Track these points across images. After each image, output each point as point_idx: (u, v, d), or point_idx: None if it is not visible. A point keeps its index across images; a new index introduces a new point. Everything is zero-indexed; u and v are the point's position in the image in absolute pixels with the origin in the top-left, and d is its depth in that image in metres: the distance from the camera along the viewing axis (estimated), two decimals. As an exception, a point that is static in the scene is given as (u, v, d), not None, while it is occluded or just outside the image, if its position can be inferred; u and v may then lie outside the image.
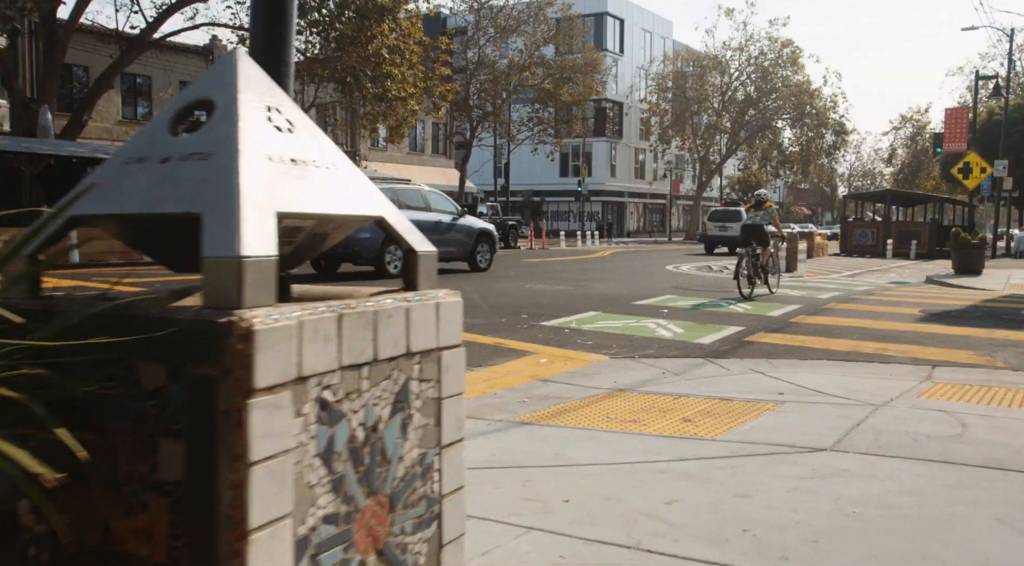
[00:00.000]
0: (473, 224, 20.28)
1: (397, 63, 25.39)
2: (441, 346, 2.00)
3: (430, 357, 1.96)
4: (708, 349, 8.74)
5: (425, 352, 1.94)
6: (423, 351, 1.93)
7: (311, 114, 35.93)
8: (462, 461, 2.11)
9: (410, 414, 1.89)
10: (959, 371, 7.76)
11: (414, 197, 19.04)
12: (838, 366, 7.97)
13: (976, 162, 24.24)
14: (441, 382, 2.00)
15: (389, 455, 1.82)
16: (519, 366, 7.72)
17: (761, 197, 14.38)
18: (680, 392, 6.53)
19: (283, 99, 1.94)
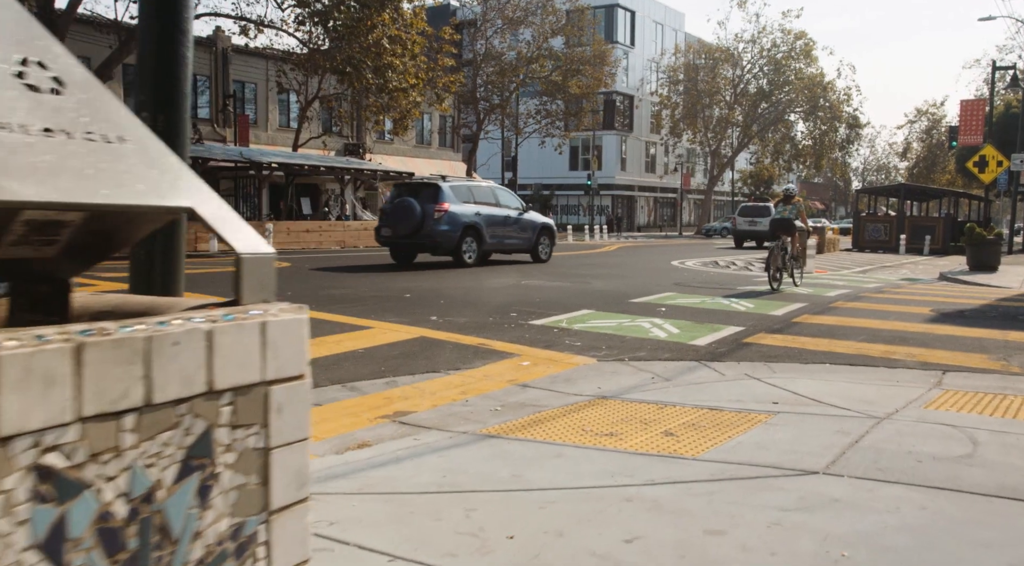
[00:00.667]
0: (536, 219, 21.07)
1: (398, 54, 24.87)
2: (270, 379, 1.51)
3: (251, 395, 1.47)
4: (703, 351, 8.23)
5: (241, 389, 1.45)
6: (238, 388, 1.45)
7: (315, 107, 35.52)
8: (304, 529, 1.62)
9: (214, 473, 1.41)
10: (971, 377, 7.23)
11: (486, 193, 20.04)
12: (840, 371, 7.44)
13: (992, 155, 23.53)
14: (269, 427, 1.51)
15: (176, 532, 1.34)
16: (498, 369, 7.23)
17: (790, 192, 14.70)
18: (667, 400, 6.03)
19: (55, 52, 1.46)
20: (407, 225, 18.36)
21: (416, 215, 18.23)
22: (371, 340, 8.45)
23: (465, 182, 20.60)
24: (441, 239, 18.38)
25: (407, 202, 18.52)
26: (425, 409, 5.88)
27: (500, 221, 19.78)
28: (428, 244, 18.67)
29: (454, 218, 18.49)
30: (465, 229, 18.69)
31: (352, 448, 4.81)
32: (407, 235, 18.55)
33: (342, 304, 11.25)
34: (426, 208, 18.31)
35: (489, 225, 19.43)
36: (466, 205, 19.02)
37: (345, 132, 41.20)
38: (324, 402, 6.02)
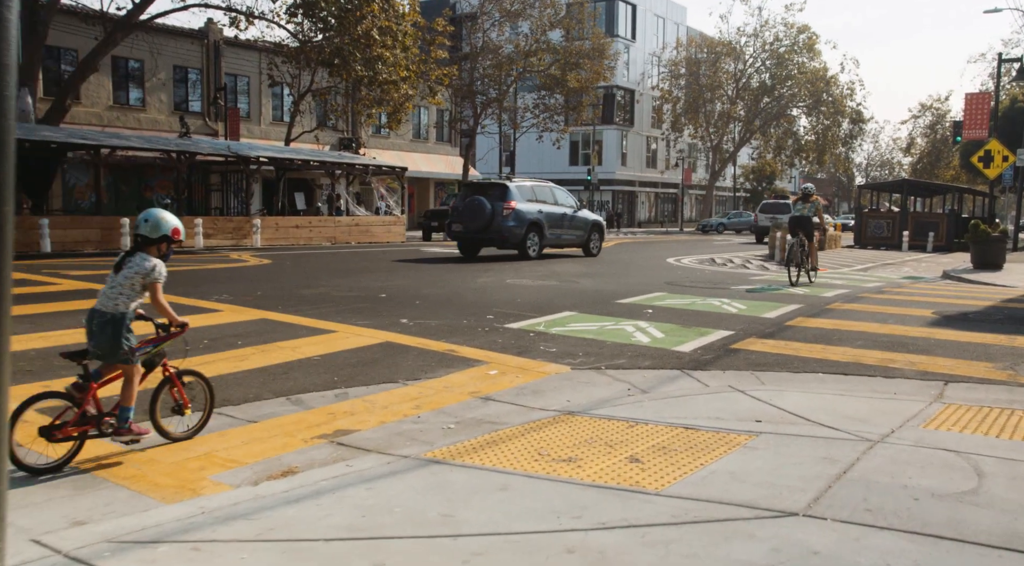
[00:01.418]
0: (588, 216, 22.63)
1: (388, 45, 24.26)
2: None
3: None
4: (687, 359, 7.66)
5: None
6: None
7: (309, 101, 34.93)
8: None
9: None
10: (976, 389, 6.66)
11: (546, 193, 21.59)
12: (833, 381, 6.87)
13: (998, 150, 22.87)
14: None
15: None
16: (461, 380, 6.67)
17: (808, 191, 15.23)
18: (639, 417, 5.46)
19: None
20: (478, 221, 19.88)
21: (487, 212, 19.73)
22: (331, 346, 7.88)
23: (528, 182, 21.84)
24: (509, 235, 19.93)
25: (478, 200, 19.94)
26: (371, 427, 5.32)
27: (558, 218, 21.38)
28: (497, 239, 20.16)
29: (520, 215, 20.04)
30: (530, 226, 20.28)
31: (274, 476, 4.25)
32: (478, 230, 20.05)
33: (312, 305, 10.69)
34: (495, 206, 19.82)
35: (549, 222, 21.00)
36: (530, 204, 20.58)
37: (340, 126, 40.59)
38: (261, 418, 5.46)
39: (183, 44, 34.41)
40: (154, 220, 4.54)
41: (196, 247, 23.17)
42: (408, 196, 47.09)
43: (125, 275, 4.41)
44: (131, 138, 25.06)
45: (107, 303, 4.40)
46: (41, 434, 4.15)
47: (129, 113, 32.78)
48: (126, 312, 4.43)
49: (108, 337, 4.36)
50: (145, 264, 4.44)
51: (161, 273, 4.51)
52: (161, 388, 4.83)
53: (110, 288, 4.42)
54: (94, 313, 4.41)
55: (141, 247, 4.52)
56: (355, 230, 28.99)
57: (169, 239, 4.59)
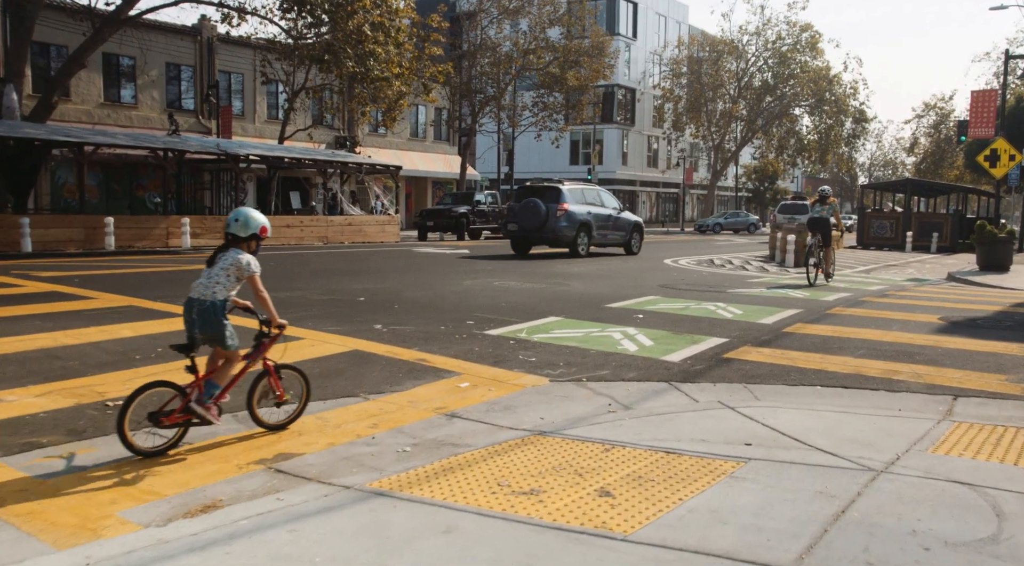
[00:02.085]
0: (629, 217, 24.13)
1: (381, 41, 23.71)
2: None
3: None
4: (675, 369, 7.12)
5: None
6: None
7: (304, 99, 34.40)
8: None
9: None
10: (987, 404, 6.12)
11: (593, 196, 23.10)
12: (832, 396, 6.33)
13: (1004, 149, 22.27)
14: None
15: None
16: (428, 393, 6.14)
17: (825, 193, 15.69)
18: (616, 439, 4.94)
19: None
20: (533, 222, 21.30)
21: (542, 213, 21.18)
22: (294, 355, 7.34)
23: (579, 185, 23.30)
24: (561, 234, 21.28)
25: (533, 202, 21.38)
26: (318, 450, 4.79)
27: (604, 219, 22.76)
28: (550, 238, 21.57)
29: (572, 216, 21.42)
30: (580, 226, 21.61)
31: (191, 513, 3.72)
32: (533, 230, 21.45)
33: (284, 309, 10.13)
34: (549, 208, 21.23)
35: (597, 223, 22.34)
36: (580, 205, 21.96)
37: (336, 125, 40.09)
38: (200, 439, 4.93)
39: (176, 41, 33.90)
40: (244, 219, 4.77)
41: (182, 247, 22.65)
42: (405, 195, 46.61)
43: (220, 267, 4.68)
44: (117, 136, 24.53)
45: (204, 292, 4.63)
46: (150, 419, 4.48)
47: (120, 111, 32.28)
48: (224, 299, 4.67)
49: (210, 322, 4.64)
50: (240, 258, 4.71)
51: (256, 267, 4.76)
52: (259, 380, 5.06)
53: (206, 278, 4.66)
54: (192, 302, 4.64)
55: (232, 244, 4.78)
56: (348, 230, 28.46)
57: (257, 237, 4.83)
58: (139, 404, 4.46)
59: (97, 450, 4.66)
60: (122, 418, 4.37)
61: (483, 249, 25.65)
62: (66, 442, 4.81)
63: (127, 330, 8.29)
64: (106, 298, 10.73)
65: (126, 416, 4.39)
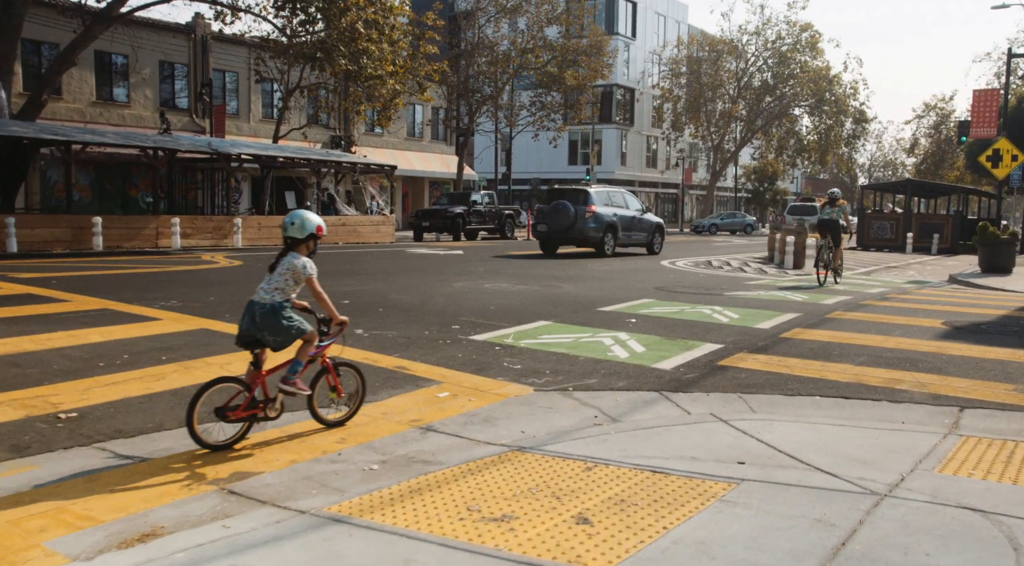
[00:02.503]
0: (652, 219, 25.33)
1: (374, 39, 23.35)
2: None
3: None
4: (667, 378, 6.78)
5: None
6: None
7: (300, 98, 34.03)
8: None
9: None
10: (996, 416, 5.79)
11: (618, 198, 24.05)
12: (832, 407, 6.00)
13: (1007, 149, 21.92)
14: None
15: None
16: (404, 404, 5.80)
17: (834, 195, 15.97)
18: (600, 456, 4.60)
19: None
20: (562, 223, 22.21)
21: (571, 215, 22.07)
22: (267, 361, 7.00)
23: (605, 188, 24.21)
24: (589, 235, 22.16)
25: (563, 204, 22.31)
26: (278, 468, 4.45)
27: (628, 220, 23.74)
28: (579, 238, 22.44)
29: (599, 218, 22.28)
30: (607, 227, 22.49)
31: (127, 542, 3.38)
32: (561, 231, 22.33)
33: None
34: (578, 209, 22.10)
35: (622, 224, 23.29)
36: (606, 207, 22.84)
37: (332, 124, 39.74)
38: (152, 455, 4.59)
39: (169, 39, 33.53)
40: (300, 221, 4.88)
41: (172, 248, 22.30)
42: (402, 195, 46.27)
43: (279, 272, 4.82)
44: (107, 134, 24.18)
45: (265, 296, 4.79)
46: (216, 414, 4.60)
47: (112, 109, 31.92)
48: (283, 302, 4.82)
49: (273, 324, 4.79)
50: (296, 262, 4.81)
51: (312, 269, 4.87)
52: (319, 377, 5.23)
53: (267, 283, 4.81)
54: (254, 304, 4.80)
55: (291, 247, 4.89)
56: (342, 230, 28.10)
57: (315, 236, 4.95)
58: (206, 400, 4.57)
59: (39, 468, 4.32)
60: (191, 413, 4.50)
61: (478, 250, 25.30)
62: (6, 459, 4.47)
63: (96, 335, 7.95)
64: (81, 301, 10.38)
65: (194, 411, 4.51)
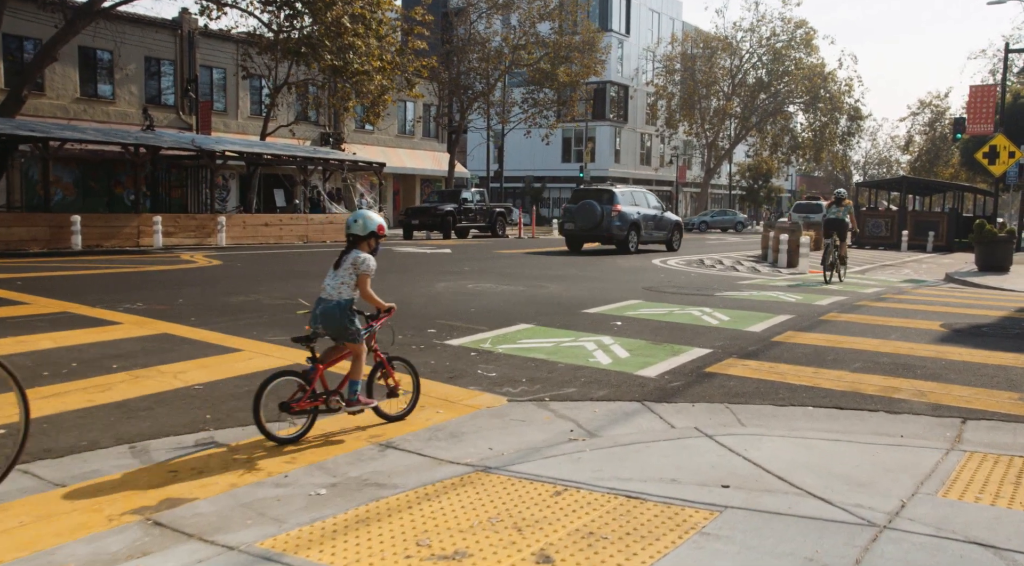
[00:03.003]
0: (671, 217, 26.45)
1: (361, 34, 22.88)
2: None
3: None
4: (651, 387, 6.38)
5: None
6: None
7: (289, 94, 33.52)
8: None
9: None
10: (1000, 429, 5.40)
11: (640, 198, 25.25)
12: (826, 418, 5.60)
13: (1004, 146, 21.55)
14: None
15: None
16: (366, 417, 5.39)
17: (840, 195, 16.28)
18: (571, 478, 4.19)
19: None
20: (589, 221, 23.31)
21: (597, 214, 23.15)
22: (224, 370, 6.59)
23: (629, 188, 25.51)
24: (614, 232, 23.22)
25: (590, 204, 23.40)
26: (215, 493, 4.03)
27: (650, 219, 24.86)
28: (604, 236, 23.58)
29: (624, 217, 23.37)
30: (631, 225, 23.55)
31: (20, 589, 2.97)
32: (588, 229, 23.46)
33: (232, 316, 9.38)
34: (604, 209, 23.17)
35: (644, 222, 24.38)
36: (630, 207, 23.94)
37: (322, 121, 39.26)
38: (77, 479, 4.16)
39: (155, 34, 32.99)
40: (362, 220, 5.11)
41: (154, 247, 21.82)
42: (393, 193, 45.78)
43: (344, 269, 5.02)
44: (87, 131, 23.69)
45: (332, 293, 4.99)
46: (281, 409, 4.78)
47: (97, 106, 31.39)
48: (350, 299, 5.02)
49: (336, 320, 4.97)
50: (356, 257, 5.03)
51: (371, 266, 5.08)
52: (375, 373, 5.40)
53: (333, 279, 5.02)
54: (321, 301, 5.01)
55: (354, 245, 5.10)
56: (329, 228, 27.64)
57: (376, 235, 5.15)
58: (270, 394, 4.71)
59: (-53, 496, 3.89)
60: (257, 407, 4.66)
61: (466, 249, 24.86)
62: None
63: (47, 341, 7.51)
64: (41, 303, 9.92)
65: (260, 405, 4.67)
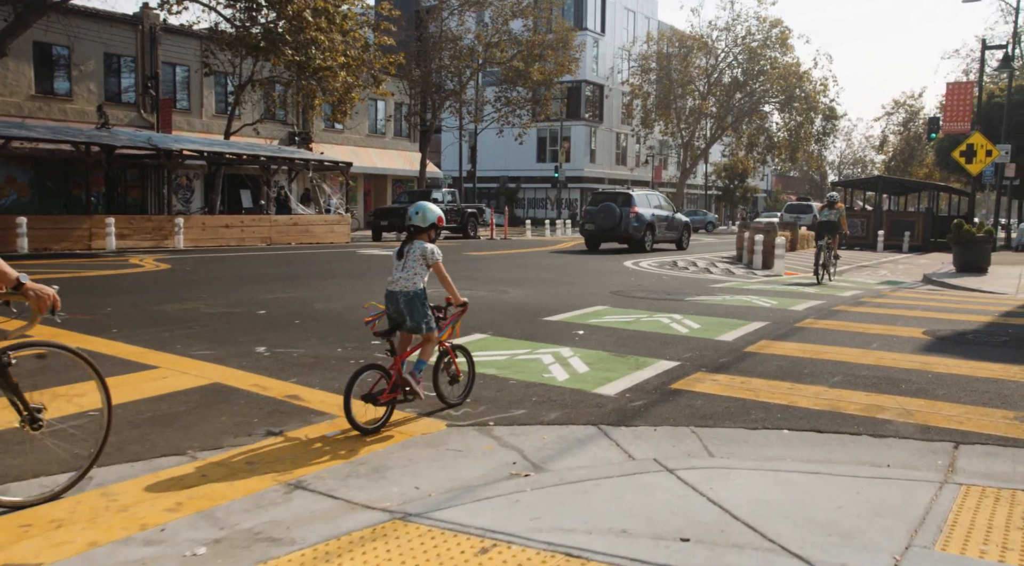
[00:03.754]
0: (681, 218, 28.53)
1: (324, 28, 22.08)
2: None
3: None
4: (609, 407, 5.72)
5: None
6: None
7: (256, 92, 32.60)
8: None
9: None
10: (997, 456, 4.80)
11: (655, 200, 27.39)
12: (803, 444, 4.97)
13: (981, 144, 21.14)
14: None
15: None
16: (278, 449, 4.69)
17: (833, 199, 16.73)
18: (503, 529, 3.52)
19: None
20: (609, 222, 24.81)
21: (616, 215, 24.68)
22: (131, 391, 5.85)
23: (644, 192, 27.71)
24: (632, 233, 24.77)
25: (609, 206, 24.96)
26: (68, 555, 3.32)
27: (663, 219, 26.77)
28: (623, 236, 24.97)
29: (641, 218, 25.02)
30: (647, 226, 25.22)
31: None
32: (608, 229, 24.96)
33: (161, 327, 8.61)
34: (623, 210, 24.73)
35: (658, 223, 26.22)
36: (646, 209, 25.69)
37: (290, 120, 38.34)
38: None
39: (115, 30, 31.96)
40: (423, 212, 5.20)
41: (106, 249, 20.90)
42: (364, 193, 44.91)
43: (410, 259, 5.14)
44: (36, 129, 22.72)
45: (406, 284, 5.13)
46: (365, 400, 4.93)
47: (53, 103, 30.32)
48: (423, 288, 5.15)
49: (415, 309, 5.11)
50: (424, 248, 5.15)
51: (439, 254, 5.20)
52: (441, 360, 5.53)
53: (403, 271, 5.14)
54: (396, 295, 5.13)
55: (415, 235, 5.21)
56: (294, 230, 26.80)
57: (436, 226, 5.26)
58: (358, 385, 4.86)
59: None
60: (348, 399, 4.84)
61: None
62: None
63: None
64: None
65: (351, 397, 4.85)
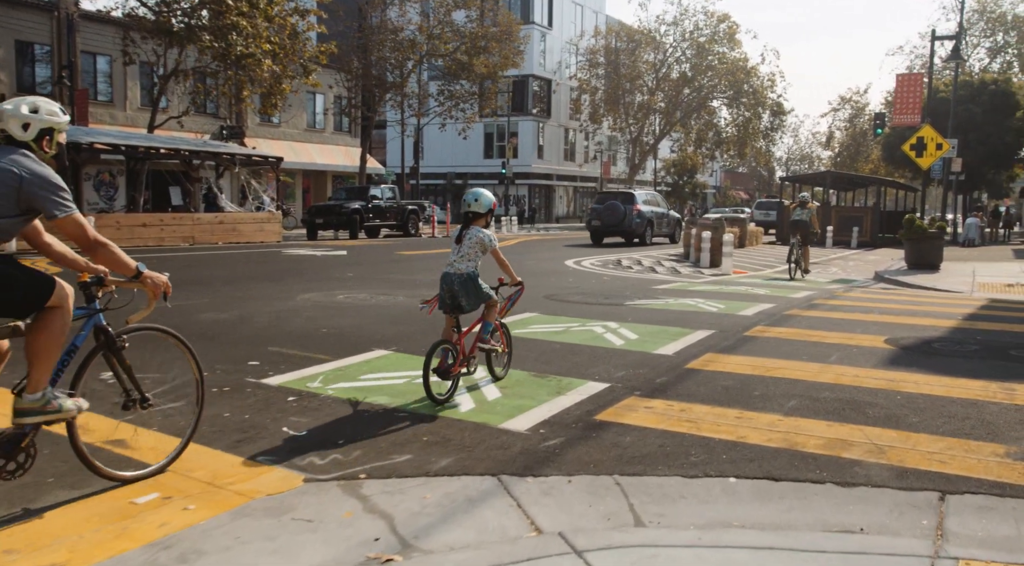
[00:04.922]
0: (674, 215, 31.89)
1: (245, 12, 20.62)
2: None
3: None
4: (518, 448, 4.61)
5: None
6: None
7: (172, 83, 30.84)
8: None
9: None
10: (994, 511, 3.79)
11: (652, 198, 30.38)
12: (753, 500, 3.90)
13: (931, 137, 20.55)
14: None
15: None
16: (65, 523, 3.47)
17: (804, 199, 17.42)
18: None
19: None
20: (614, 219, 27.48)
21: (620, 212, 27.40)
22: None
23: (644, 191, 30.47)
24: (635, 228, 27.57)
25: (614, 204, 27.74)
26: None
27: (660, 216, 29.75)
28: (627, 231, 27.65)
29: (642, 215, 27.84)
30: (647, 222, 28.10)
31: None
32: (613, 225, 27.55)
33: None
34: (627, 208, 27.50)
35: (656, 219, 29.03)
36: (646, 206, 28.49)
37: (222, 114, 36.57)
38: None
39: (26, 15, 29.96)
40: (480, 198, 5.73)
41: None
42: (303, 190, 43.27)
43: (467, 244, 5.64)
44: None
45: (461, 267, 5.63)
46: (437, 373, 5.33)
47: (-41, 95, 28.26)
48: (476, 270, 5.68)
49: (472, 290, 5.63)
50: (482, 235, 5.66)
51: (496, 240, 5.77)
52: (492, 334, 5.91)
53: (460, 255, 5.65)
54: (452, 277, 5.61)
55: (472, 221, 5.71)
56: (219, 228, 25.22)
57: (492, 212, 5.81)
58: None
59: None
60: (427, 374, 5.27)
61: (366, 250, 22.75)
62: None
63: None
64: None
65: (429, 371, 5.27)
